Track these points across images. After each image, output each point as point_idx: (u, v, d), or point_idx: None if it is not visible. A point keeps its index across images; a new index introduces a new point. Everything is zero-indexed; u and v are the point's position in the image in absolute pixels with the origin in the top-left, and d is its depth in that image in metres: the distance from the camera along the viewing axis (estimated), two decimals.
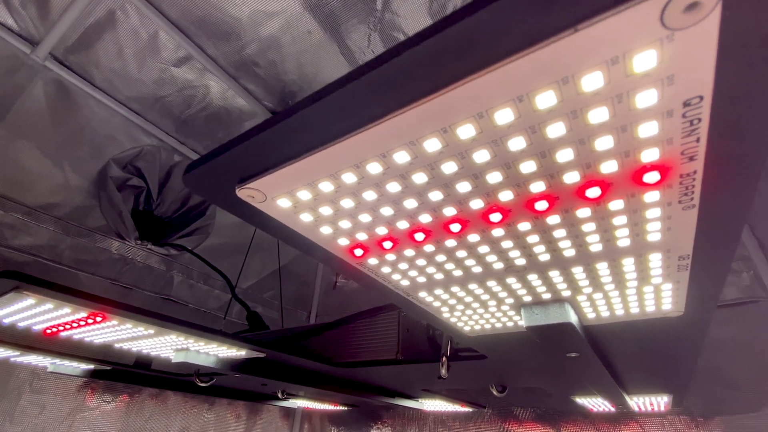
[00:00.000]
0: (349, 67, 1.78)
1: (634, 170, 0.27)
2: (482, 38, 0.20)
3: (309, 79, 1.86)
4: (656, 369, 0.83)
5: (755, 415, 1.53)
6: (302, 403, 1.83)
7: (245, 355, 0.91)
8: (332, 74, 1.82)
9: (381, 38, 1.67)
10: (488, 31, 0.20)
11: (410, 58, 0.22)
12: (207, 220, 2.18)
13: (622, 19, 0.18)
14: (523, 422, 2.00)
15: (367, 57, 1.73)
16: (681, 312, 0.52)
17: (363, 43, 1.67)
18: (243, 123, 2.08)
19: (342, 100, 0.24)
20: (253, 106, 1.99)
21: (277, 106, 2.04)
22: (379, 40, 1.67)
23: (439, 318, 0.59)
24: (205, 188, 0.34)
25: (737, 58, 0.20)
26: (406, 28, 1.63)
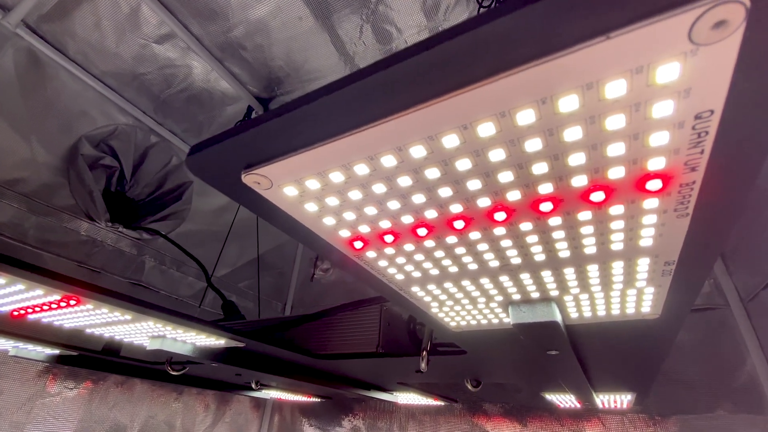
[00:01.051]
0: (339, 57, 1.76)
1: (638, 177, 0.28)
2: (515, 39, 0.21)
3: (297, 66, 1.82)
4: (625, 368, 0.87)
5: (709, 416, 1.62)
6: (275, 394, 1.82)
7: (224, 344, 0.89)
8: (321, 63, 1.80)
9: (373, 31, 1.65)
10: (523, 32, 0.20)
11: (440, 53, 0.22)
12: (183, 205, 2.11)
13: (653, 30, 0.19)
14: (492, 417, 2.06)
15: (359, 49, 1.71)
16: (657, 315, 0.55)
17: (355, 34, 1.65)
18: (225, 107, 2.02)
19: (364, 90, 0.24)
20: (237, 90, 1.93)
21: (262, 92, 2.00)
22: (371, 33, 1.66)
23: (427, 312, 0.60)
24: (208, 171, 0.33)
25: (750, 76, 0.21)
26: (399, 23, 1.62)
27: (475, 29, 0.21)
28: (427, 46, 0.21)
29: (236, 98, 1.97)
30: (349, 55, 1.74)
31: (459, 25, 0.21)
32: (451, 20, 1.61)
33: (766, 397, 1.55)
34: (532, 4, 0.19)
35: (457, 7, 1.59)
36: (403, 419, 2.20)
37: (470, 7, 1.58)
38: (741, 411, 1.58)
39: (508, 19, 0.20)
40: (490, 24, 0.20)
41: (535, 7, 0.19)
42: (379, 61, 0.22)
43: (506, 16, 0.20)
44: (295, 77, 1.87)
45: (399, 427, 2.18)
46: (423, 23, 1.62)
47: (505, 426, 2.00)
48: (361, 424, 2.27)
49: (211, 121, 2.09)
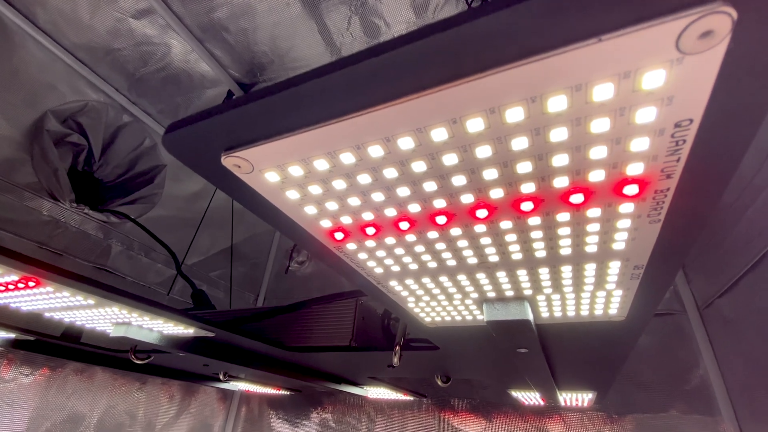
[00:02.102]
0: (325, 46, 1.74)
1: (617, 181, 0.29)
2: (507, 36, 0.21)
3: (281, 53, 1.79)
4: (589, 368, 0.90)
5: (663, 416, 1.70)
6: (243, 386, 1.79)
7: (193, 333, 0.87)
8: (306, 52, 1.76)
9: (361, 23, 1.64)
10: (516, 30, 0.20)
11: (432, 45, 0.21)
12: (154, 189, 2.04)
13: (643, 35, 0.19)
14: (459, 412, 2.09)
15: (346, 40, 1.69)
16: (623, 318, 0.57)
17: (342, 24, 1.63)
18: (205, 90, 1.96)
19: (355, 76, 0.24)
20: (217, 73, 1.88)
21: (244, 77, 1.95)
22: (359, 25, 1.64)
23: (403, 307, 0.60)
24: (185, 151, 0.32)
25: (730, 88, 0.22)
26: (387, 17, 1.61)
27: (469, 22, 0.21)
28: (419, 36, 0.21)
29: (216, 81, 1.92)
30: (336, 45, 1.72)
31: (452, 18, 0.21)
32: (439, 17, 1.61)
33: (715, 400, 1.65)
34: (527, 1, 0.19)
35: (446, 6, 1.59)
36: (372, 413, 2.21)
37: (459, 7, 1.59)
38: (692, 412, 1.67)
39: (502, 15, 0.20)
40: (484, 18, 0.20)
41: (529, 5, 0.19)
42: (371, 48, 0.22)
43: (501, 11, 0.20)
44: (278, 64, 1.83)
45: (367, 421, 2.19)
46: (412, 20, 1.62)
47: (471, 421, 2.04)
48: (329, 418, 2.27)
49: (189, 103, 2.02)
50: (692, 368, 1.76)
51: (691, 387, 1.73)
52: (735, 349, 1.59)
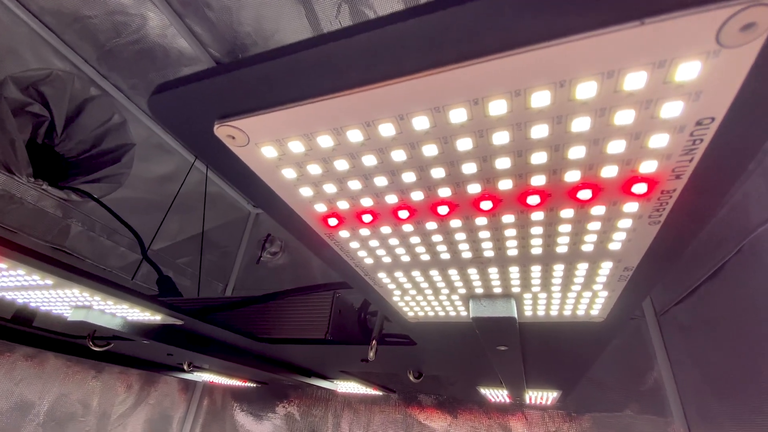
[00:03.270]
0: (312, 32, 1.69)
1: (627, 179, 0.29)
2: (546, 9, 0.19)
3: (265, 35, 1.73)
4: (560, 367, 0.92)
5: (618, 415, 1.78)
6: (207, 377, 1.73)
7: (160, 321, 0.82)
8: (292, 37, 1.71)
9: (351, 11, 1.60)
10: (556, 2, 0.19)
11: (471, 12, 0.20)
12: (121, 168, 1.93)
13: (686, 22, 0.18)
14: (425, 408, 2.11)
15: (333, 27, 1.65)
16: (603, 319, 0.58)
17: (331, 11, 1.59)
18: (182, 67, 1.87)
19: (374, 43, 0.22)
20: (196, 51, 1.79)
21: (224, 57, 1.87)
22: (348, 13, 1.61)
23: (387, 300, 0.59)
24: (173, 117, 0.29)
25: (756, 86, 0.21)
26: (378, 9, 1.58)
27: None
28: (449, 4, 0.19)
29: (194, 60, 1.83)
30: (322, 31, 1.68)
31: None
32: None
33: (667, 402, 1.73)
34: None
35: None
36: (339, 407, 2.20)
37: None
38: (645, 412, 1.75)
39: None
40: None
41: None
42: (395, 13, 0.20)
43: None
44: (262, 46, 1.77)
45: (334, 415, 2.18)
46: None
47: (437, 417, 2.06)
48: (295, 411, 2.23)
49: (163, 80, 1.92)
50: (647, 371, 1.84)
51: (646, 388, 1.81)
52: (688, 354, 1.68)
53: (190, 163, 2.31)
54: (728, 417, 1.40)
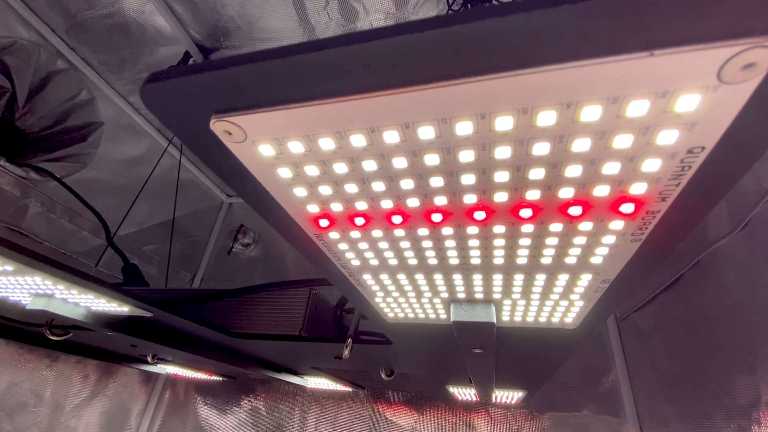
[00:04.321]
0: (299, 22, 1.65)
1: (616, 198, 0.30)
2: (559, 34, 0.20)
3: (250, 20, 1.68)
4: (529, 370, 0.95)
5: (576, 414, 1.86)
6: (171, 369, 1.67)
7: (127, 312, 0.79)
8: (278, 25, 1.67)
9: (339, 4, 1.58)
10: (569, 28, 0.19)
11: (488, 30, 0.20)
12: (87, 148, 1.84)
13: (692, 57, 0.19)
14: (393, 405, 2.13)
15: (321, 19, 1.62)
16: (575, 326, 0.60)
17: (320, 2, 1.56)
18: (158, 47, 1.79)
19: (392, 51, 0.21)
20: (175, 31, 1.72)
21: (205, 40, 1.80)
22: (337, 6, 1.58)
23: (368, 301, 0.59)
24: (168, 108, 0.27)
25: (747, 120, 0.22)
26: (367, 3, 1.57)
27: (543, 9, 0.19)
28: (475, 18, 0.19)
29: (173, 39, 1.75)
30: (310, 23, 1.65)
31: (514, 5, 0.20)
32: (419, 14, 1.61)
33: (622, 403, 1.82)
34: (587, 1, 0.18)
35: (426, 3, 1.58)
36: (306, 403, 2.18)
37: (439, 7, 1.59)
38: (602, 413, 1.84)
39: (556, 12, 0.19)
40: (542, 12, 0.19)
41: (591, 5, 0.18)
42: (415, 21, 0.20)
43: (556, 7, 0.19)
44: (245, 32, 1.72)
45: (300, 410, 2.16)
46: (391, 10, 1.59)
47: (403, 414, 2.09)
48: (261, 406, 2.20)
49: (137, 58, 1.84)
50: (606, 373, 1.93)
51: (603, 390, 1.90)
52: (644, 359, 1.77)
53: (161, 146, 2.22)
54: (677, 419, 1.49)
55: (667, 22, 0.19)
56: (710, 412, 1.33)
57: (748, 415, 1.14)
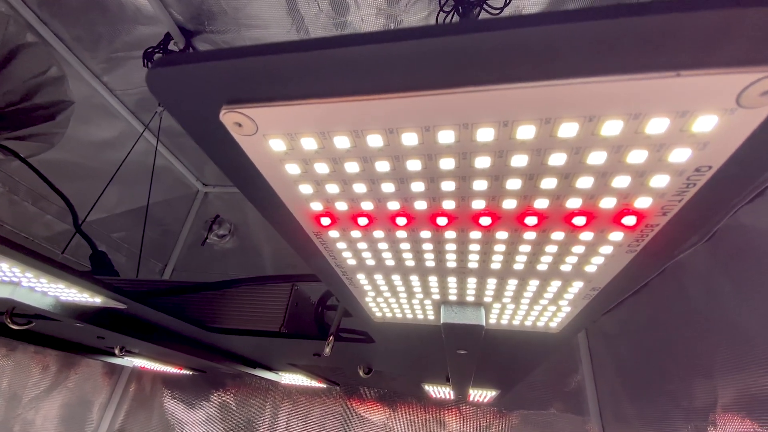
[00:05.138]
0: (287, 12, 1.62)
1: (620, 211, 0.31)
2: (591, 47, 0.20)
3: (237, 5, 1.62)
4: (506, 370, 0.97)
5: (543, 413, 1.91)
6: (139, 362, 1.61)
7: (100, 303, 0.75)
8: (266, 12, 1.63)
9: None
10: (602, 43, 0.20)
11: (517, 38, 0.20)
12: (55, 127, 1.74)
13: (715, 80, 0.20)
14: (366, 401, 2.14)
15: (311, 10, 1.59)
16: (558, 331, 0.62)
17: None
18: (137, 25, 1.71)
19: (421, 52, 0.21)
20: (156, 10, 1.65)
21: (188, 22, 1.74)
22: None
23: (357, 299, 0.58)
24: (175, 95, 0.26)
25: (755, 143, 0.23)
26: None
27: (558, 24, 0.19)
28: (526, 23, 0.19)
29: (153, 19, 1.68)
30: (299, 13, 1.62)
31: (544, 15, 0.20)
32: (410, 12, 1.60)
33: (587, 402, 1.89)
34: (637, 16, 0.18)
35: (418, 2, 1.58)
36: (278, 398, 2.16)
37: (431, 7, 1.59)
38: (567, 411, 1.90)
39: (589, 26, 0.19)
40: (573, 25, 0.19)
41: (637, 22, 0.18)
42: (460, 24, 0.20)
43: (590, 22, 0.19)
44: (231, 17, 1.67)
45: (272, 405, 2.13)
46: (383, 6, 1.58)
47: (376, 410, 2.09)
48: (231, 401, 2.16)
49: (114, 36, 1.75)
50: (572, 373, 2.00)
51: (569, 389, 1.97)
52: (610, 360, 1.84)
53: (135, 129, 2.13)
54: (638, 418, 1.56)
55: (694, 44, 0.19)
56: (669, 413, 1.40)
57: (705, 416, 1.21)
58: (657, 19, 0.19)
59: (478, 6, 1.53)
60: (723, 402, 1.16)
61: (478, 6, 1.53)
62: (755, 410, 1.00)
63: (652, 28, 0.19)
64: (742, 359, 1.08)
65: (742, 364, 1.08)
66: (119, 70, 1.87)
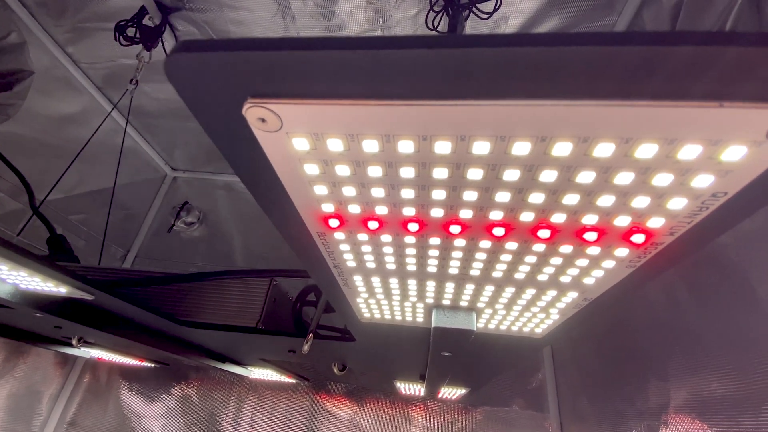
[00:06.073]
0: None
1: (631, 228, 0.31)
2: (650, 72, 0.20)
3: None
4: (482, 371, 0.99)
5: (506, 410, 1.97)
6: (96, 353, 1.53)
7: (64, 293, 0.70)
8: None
9: None
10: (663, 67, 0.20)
11: (569, 55, 0.20)
12: (11, 98, 1.61)
13: (754, 113, 0.20)
14: (333, 396, 2.13)
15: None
16: (541, 337, 0.64)
17: None
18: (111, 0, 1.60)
19: (469, 61, 0.20)
20: None
21: (170, 1, 1.64)
22: None
23: (348, 300, 0.57)
24: (195, 83, 0.24)
25: None
26: None
27: (606, 46, 0.19)
28: (578, 42, 0.19)
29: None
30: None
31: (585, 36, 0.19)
32: (400, 9, 1.59)
33: (547, 400, 1.96)
34: (702, 45, 0.18)
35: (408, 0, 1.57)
36: (243, 392, 2.11)
37: (420, 5, 1.58)
38: (528, 408, 1.97)
39: (654, 50, 0.19)
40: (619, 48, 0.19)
41: (700, 51, 0.19)
42: (513, 36, 0.19)
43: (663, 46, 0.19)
44: (214, 2, 1.59)
45: (237, 399, 2.09)
46: None
47: (343, 405, 2.09)
48: (193, 394, 2.09)
49: (83, 4, 1.63)
50: (535, 372, 2.07)
51: (532, 387, 2.04)
52: (571, 362, 1.92)
53: (100, 105, 2.00)
54: (595, 416, 1.64)
55: (739, 77, 0.20)
56: (624, 412, 1.48)
57: (658, 416, 1.28)
58: (707, 50, 0.19)
59: (467, 9, 1.54)
60: (675, 403, 1.24)
61: (467, 9, 1.54)
62: (705, 412, 1.07)
63: (701, 58, 0.19)
64: (696, 364, 1.16)
65: (695, 369, 1.15)
66: (86, 42, 1.74)
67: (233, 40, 0.22)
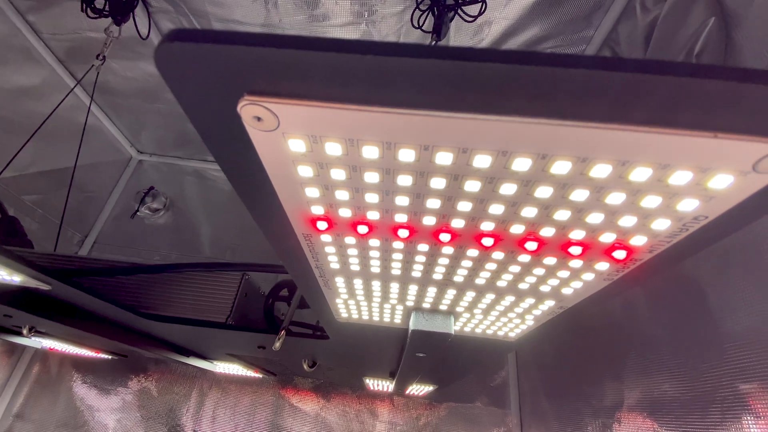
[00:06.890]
0: None
1: (613, 245, 0.32)
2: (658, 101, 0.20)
3: None
4: (452, 370, 1.00)
5: (470, 406, 2.02)
6: (48, 343, 1.44)
7: (19, 282, 0.65)
8: None
9: None
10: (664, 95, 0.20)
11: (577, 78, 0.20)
12: None
13: (745, 145, 0.21)
14: (300, 391, 2.11)
15: None
16: (514, 341, 0.65)
17: None
18: None
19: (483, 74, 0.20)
20: None
21: None
22: None
23: (326, 300, 0.56)
24: (186, 75, 0.23)
25: (753, 202, 0.26)
26: None
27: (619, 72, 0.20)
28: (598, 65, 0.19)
29: None
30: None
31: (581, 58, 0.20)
32: (386, 4, 1.57)
33: (509, 397, 2.03)
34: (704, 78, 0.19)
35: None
36: (206, 386, 2.05)
37: (406, 2, 1.57)
38: (491, 405, 2.03)
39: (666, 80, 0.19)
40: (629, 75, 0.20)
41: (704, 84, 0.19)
42: (528, 54, 0.19)
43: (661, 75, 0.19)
44: None
45: (199, 393, 2.03)
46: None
47: (309, 400, 2.07)
48: (152, 387, 2.02)
49: None
50: (499, 370, 2.13)
51: (495, 385, 2.10)
52: (533, 361, 1.99)
53: (60, 79, 1.87)
54: (553, 413, 1.71)
55: (735, 112, 0.20)
56: (580, 410, 1.55)
57: (612, 415, 1.35)
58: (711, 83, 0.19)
59: (453, 10, 1.55)
60: (629, 403, 1.30)
61: (453, 10, 1.55)
62: (656, 411, 1.14)
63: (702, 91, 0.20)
64: (649, 366, 1.22)
65: (648, 371, 1.22)
66: (50, 11, 1.62)
67: (233, 33, 0.21)
